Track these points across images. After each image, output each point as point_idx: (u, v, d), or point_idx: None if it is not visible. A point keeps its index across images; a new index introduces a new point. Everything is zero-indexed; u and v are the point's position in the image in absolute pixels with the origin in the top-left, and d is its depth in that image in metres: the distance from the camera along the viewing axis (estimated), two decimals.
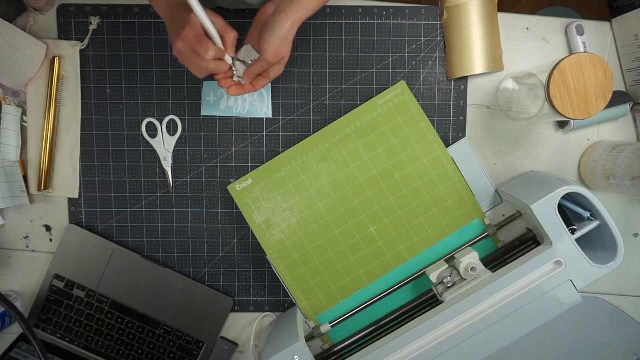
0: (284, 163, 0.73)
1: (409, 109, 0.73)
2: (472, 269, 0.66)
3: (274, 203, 0.73)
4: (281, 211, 0.73)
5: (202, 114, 0.75)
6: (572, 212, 0.68)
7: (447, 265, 0.69)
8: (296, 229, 0.73)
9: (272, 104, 0.75)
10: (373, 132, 0.73)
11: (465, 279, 0.66)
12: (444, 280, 0.67)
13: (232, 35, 0.58)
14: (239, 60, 0.62)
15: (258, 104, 0.75)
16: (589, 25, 0.74)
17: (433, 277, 0.68)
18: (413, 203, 0.73)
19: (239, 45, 0.61)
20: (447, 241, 0.74)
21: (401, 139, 0.73)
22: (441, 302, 0.66)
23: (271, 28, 0.57)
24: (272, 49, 0.57)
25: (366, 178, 0.73)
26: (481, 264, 0.67)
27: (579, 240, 0.63)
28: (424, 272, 0.71)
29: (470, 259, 0.67)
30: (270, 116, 0.75)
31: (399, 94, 0.73)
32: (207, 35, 0.56)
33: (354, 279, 0.74)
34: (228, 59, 0.60)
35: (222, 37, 0.58)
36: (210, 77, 0.70)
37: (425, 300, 0.73)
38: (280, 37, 0.57)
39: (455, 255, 0.69)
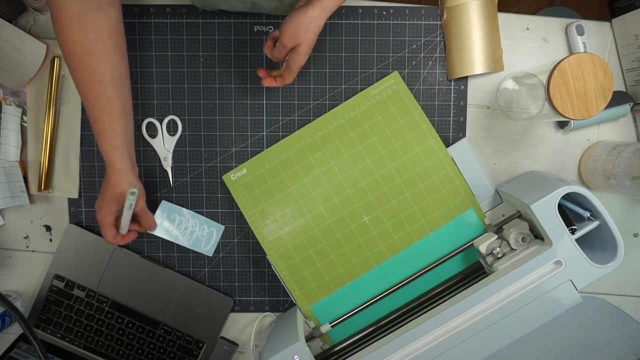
0: (278, 153, 0.73)
1: (402, 98, 0.73)
2: (523, 238, 0.67)
3: (268, 192, 0.73)
4: (275, 201, 0.73)
5: (155, 233, 0.76)
6: (572, 212, 0.68)
7: (496, 236, 0.69)
8: (290, 219, 0.73)
9: (272, 103, 0.75)
10: (367, 122, 0.73)
11: (516, 249, 0.67)
12: (494, 251, 0.68)
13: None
14: None
15: (204, 241, 0.76)
16: (589, 25, 0.74)
17: (482, 248, 0.69)
18: (407, 192, 0.73)
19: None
20: (441, 231, 0.73)
21: (394, 128, 0.73)
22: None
23: (294, 12, 0.59)
24: (288, 31, 0.59)
25: (360, 168, 0.73)
26: (531, 234, 0.67)
27: (579, 240, 0.63)
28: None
29: (520, 229, 0.67)
30: (210, 255, 0.76)
31: (392, 84, 0.73)
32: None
33: (348, 268, 0.74)
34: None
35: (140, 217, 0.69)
36: (167, 199, 0.76)
37: (426, 300, 0.73)
38: (298, 21, 0.58)
39: (504, 226, 0.69)
